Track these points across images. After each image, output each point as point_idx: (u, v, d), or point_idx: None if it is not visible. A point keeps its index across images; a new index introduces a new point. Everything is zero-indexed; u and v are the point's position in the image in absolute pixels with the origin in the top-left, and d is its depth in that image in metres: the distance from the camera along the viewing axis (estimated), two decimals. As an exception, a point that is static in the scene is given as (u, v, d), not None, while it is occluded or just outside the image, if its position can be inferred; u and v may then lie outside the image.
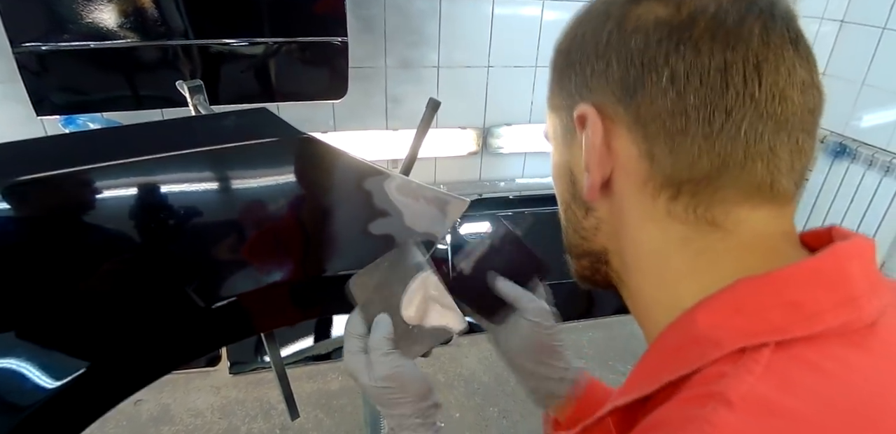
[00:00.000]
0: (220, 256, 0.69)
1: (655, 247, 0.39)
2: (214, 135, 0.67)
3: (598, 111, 0.38)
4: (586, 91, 0.39)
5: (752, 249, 0.37)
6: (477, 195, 2.44)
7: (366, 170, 0.73)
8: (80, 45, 1.71)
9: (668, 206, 0.37)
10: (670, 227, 0.38)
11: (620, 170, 0.38)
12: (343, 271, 0.71)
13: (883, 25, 2.37)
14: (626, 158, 0.38)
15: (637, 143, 0.37)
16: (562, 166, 0.44)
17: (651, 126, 0.36)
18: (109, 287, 0.63)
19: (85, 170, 0.61)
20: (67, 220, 0.61)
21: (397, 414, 0.59)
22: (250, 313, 0.71)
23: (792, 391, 0.30)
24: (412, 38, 2.11)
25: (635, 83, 0.36)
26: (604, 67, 0.37)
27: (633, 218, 0.39)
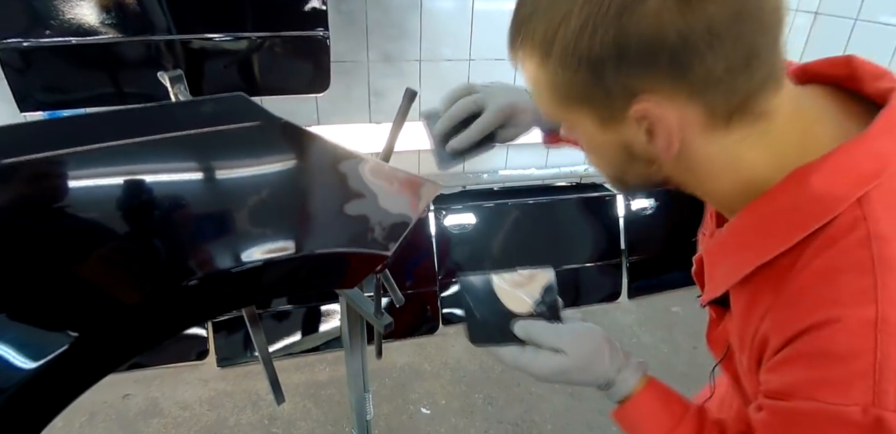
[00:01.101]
0: (197, 237, 0.71)
1: (725, 158, 0.49)
2: (193, 120, 0.69)
3: (660, 104, 0.44)
4: (638, 85, 0.44)
5: (799, 117, 0.48)
6: (461, 187, 2.47)
7: (340, 153, 0.76)
8: (61, 41, 1.72)
9: (727, 128, 0.47)
10: (733, 138, 0.47)
11: (686, 129, 0.46)
12: (319, 250, 0.73)
13: (855, 16, 2.42)
14: (689, 122, 0.46)
15: (698, 108, 0.45)
16: (613, 145, 0.51)
17: (709, 94, 0.44)
18: (89, 267, 0.65)
19: (65, 154, 0.64)
20: (45, 204, 0.63)
21: (602, 380, 0.62)
22: (228, 291, 0.73)
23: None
24: (393, 31, 2.13)
25: (683, 70, 0.42)
26: (652, 63, 0.42)
27: (701, 151, 0.48)
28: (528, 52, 0.48)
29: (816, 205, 0.45)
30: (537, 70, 0.48)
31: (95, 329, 0.63)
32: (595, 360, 0.61)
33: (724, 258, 0.53)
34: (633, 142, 0.49)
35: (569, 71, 0.45)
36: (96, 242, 0.65)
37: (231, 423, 1.95)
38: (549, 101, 0.51)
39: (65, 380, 0.63)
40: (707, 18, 0.40)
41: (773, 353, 0.47)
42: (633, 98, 0.45)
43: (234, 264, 0.70)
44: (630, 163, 0.52)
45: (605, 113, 0.48)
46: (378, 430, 1.95)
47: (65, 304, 0.63)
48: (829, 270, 0.44)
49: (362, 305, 1.01)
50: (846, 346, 0.41)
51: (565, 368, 0.60)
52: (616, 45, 0.42)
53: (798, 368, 0.44)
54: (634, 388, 0.61)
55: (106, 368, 0.70)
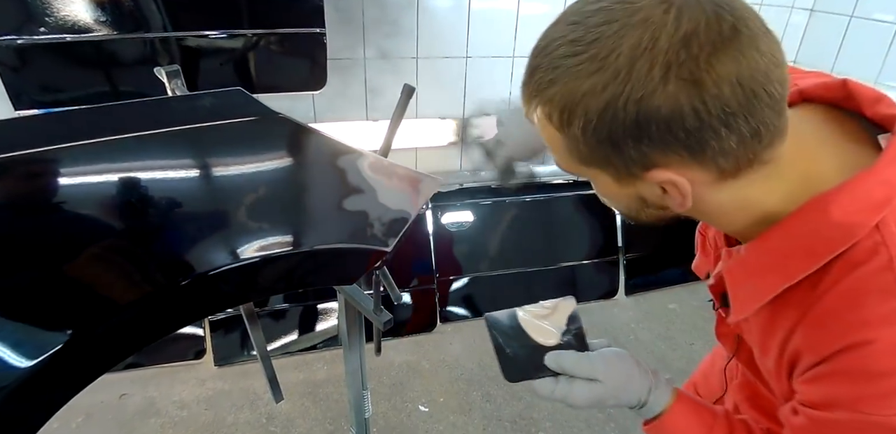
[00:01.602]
0: (197, 233, 0.71)
1: (736, 201, 0.52)
2: (191, 115, 0.68)
3: (675, 170, 0.48)
4: (654, 159, 0.47)
5: (802, 148, 0.51)
6: (458, 185, 2.46)
7: (339, 148, 0.75)
8: (56, 39, 1.71)
9: (735, 179, 0.50)
10: (741, 184, 0.50)
11: (698, 187, 0.50)
12: (319, 246, 0.73)
13: (851, 14, 2.43)
14: (701, 182, 0.49)
15: (710, 171, 0.48)
16: (628, 195, 0.54)
17: (719, 160, 0.47)
18: (85, 264, 0.65)
19: (61, 149, 0.63)
20: (41, 200, 0.62)
21: (635, 402, 0.65)
22: (227, 288, 0.73)
23: None
24: (390, 29, 2.12)
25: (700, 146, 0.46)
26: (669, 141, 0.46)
27: (712, 199, 0.52)
28: (545, 116, 0.50)
29: (837, 231, 0.48)
30: (555, 133, 0.51)
31: (92, 327, 0.63)
32: (628, 385, 0.64)
33: (747, 280, 0.56)
34: (648, 195, 0.53)
35: (588, 142, 0.48)
36: (93, 239, 0.65)
37: (229, 422, 1.94)
38: (565, 159, 0.54)
39: (61, 378, 0.63)
40: (723, 100, 0.43)
41: (808, 368, 0.51)
42: (650, 168, 0.48)
43: (232, 261, 0.70)
44: (644, 208, 0.56)
45: (621, 174, 0.51)
46: (377, 427, 1.94)
47: (60, 301, 0.62)
48: (855, 293, 0.47)
49: (361, 302, 1.00)
50: (883, 365, 0.46)
51: (601, 396, 0.63)
52: (637, 126, 0.45)
53: (837, 384, 0.49)
54: (667, 404, 0.65)
55: (103, 366, 0.70)
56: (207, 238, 0.70)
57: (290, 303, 2.28)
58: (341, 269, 0.80)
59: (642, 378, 0.65)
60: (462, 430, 1.96)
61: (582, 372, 0.64)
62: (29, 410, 0.60)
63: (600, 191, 0.58)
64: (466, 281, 2.47)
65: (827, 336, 0.49)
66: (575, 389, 0.64)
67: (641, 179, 0.50)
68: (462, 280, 2.46)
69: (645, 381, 0.65)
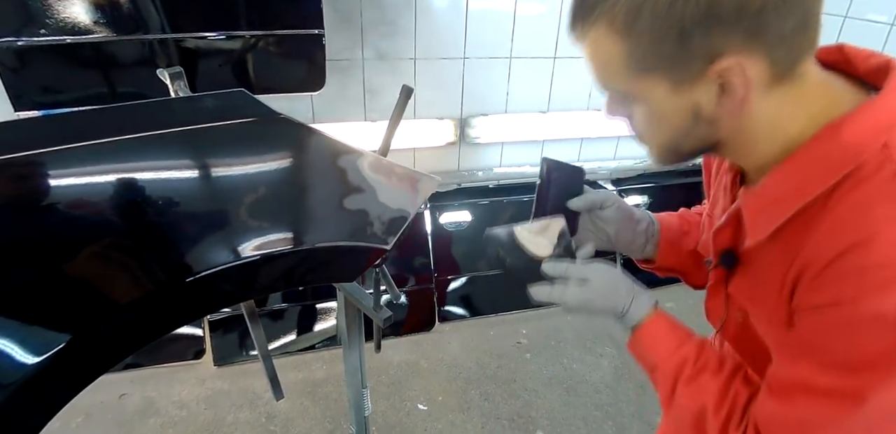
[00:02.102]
0: (200, 232, 0.72)
1: (773, 117, 0.56)
2: (194, 115, 0.70)
3: (737, 60, 0.50)
4: (721, 46, 0.50)
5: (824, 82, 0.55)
6: (456, 185, 2.47)
7: (340, 148, 0.77)
8: (56, 40, 1.71)
9: (780, 86, 0.53)
10: (781, 98, 0.54)
11: (754, 84, 0.53)
12: (319, 244, 0.74)
13: (845, 14, 2.45)
14: (759, 77, 0.52)
15: (766, 65, 0.51)
16: (681, 109, 0.56)
17: (777, 49, 0.51)
18: (90, 263, 0.65)
19: (64, 150, 0.64)
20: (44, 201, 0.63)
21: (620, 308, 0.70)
22: (228, 286, 0.73)
23: None
24: (388, 29, 2.14)
25: (763, 28, 0.49)
26: (737, 24, 0.49)
27: (757, 109, 0.55)
28: (604, 27, 0.53)
29: (847, 152, 0.52)
30: (614, 43, 0.53)
31: (93, 326, 0.63)
32: (615, 288, 0.70)
33: (764, 208, 0.59)
34: (703, 103, 0.55)
35: (656, 38, 0.51)
36: (95, 239, 0.65)
37: (228, 422, 1.95)
38: (621, 73, 0.55)
39: (64, 376, 0.63)
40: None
41: (812, 278, 0.53)
42: (715, 59, 0.51)
43: (234, 259, 0.71)
44: (694, 126, 0.57)
45: (681, 76, 0.53)
46: (375, 426, 1.95)
47: (62, 301, 0.62)
48: (863, 203, 0.51)
49: (361, 300, 1.01)
50: (885, 258, 0.48)
51: (590, 296, 0.69)
52: (708, 11, 0.48)
53: (843, 282, 0.51)
54: (647, 314, 0.70)
55: (104, 365, 0.70)
56: (210, 236, 0.71)
57: (288, 302, 2.29)
58: (342, 266, 0.81)
59: (627, 286, 0.70)
60: (461, 429, 1.97)
61: (575, 272, 0.70)
62: (32, 409, 0.61)
63: (650, 113, 0.59)
64: (464, 280, 2.48)
65: (834, 240, 0.51)
66: (568, 290, 0.69)
67: (702, 78, 0.52)
68: (460, 279, 2.48)
69: (629, 290, 0.70)
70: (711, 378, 0.64)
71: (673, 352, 0.67)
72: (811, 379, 0.54)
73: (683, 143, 0.60)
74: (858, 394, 0.51)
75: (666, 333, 0.69)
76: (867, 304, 0.49)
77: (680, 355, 0.66)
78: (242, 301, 0.96)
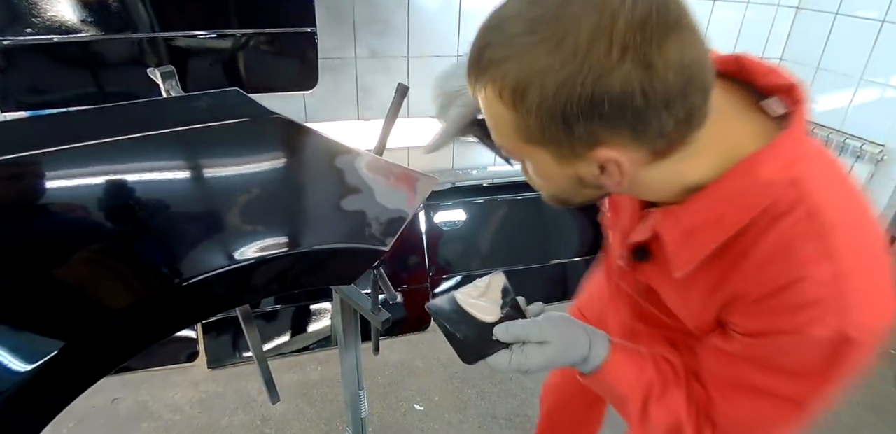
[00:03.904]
0: (194, 235, 0.70)
1: (666, 176, 0.58)
2: (188, 115, 0.68)
3: (618, 150, 0.52)
4: (601, 136, 0.51)
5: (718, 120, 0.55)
6: (450, 184, 2.46)
7: (336, 148, 0.75)
8: (43, 39, 1.68)
9: (666, 158, 0.55)
10: (671, 162, 0.55)
11: (634, 165, 0.54)
12: (317, 247, 0.73)
13: (836, 11, 2.46)
14: (637, 161, 0.54)
15: (646, 151, 0.53)
16: (565, 176, 0.58)
17: (656, 141, 0.52)
18: (82, 268, 0.64)
19: (56, 151, 0.62)
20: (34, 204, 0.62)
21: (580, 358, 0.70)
22: (223, 290, 0.72)
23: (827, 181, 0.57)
24: (381, 27, 2.12)
25: (643, 126, 0.50)
26: (618, 119, 0.49)
27: (644, 176, 0.57)
28: (494, 93, 0.52)
29: (761, 189, 0.55)
30: (503, 110, 0.53)
31: (87, 332, 0.62)
32: (574, 342, 0.68)
33: (686, 239, 0.62)
34: (586, 175, 0.57)
35: (539, 119, 0.51)
36: (88, 243, 0.64)
37: (223, 425, 1.93)
38: (508, 137, 0.56)
39: (58, 384, 0.62)
40: (667, 84, 0.47)
41: (747, 306, 0.59)
42: (595, 146, 0.52)
43: (230, 263, 0.69)
44: (580, 189, 0.61)
45: (563, 153, 0.54)
46: (372, 427, 1.94)
47: (55, 307, 0.61)
48: (785, 244, 0.55)
49: (359, 302, 1.00)
50: (817, 295, 0.54)
51: (552, 356, 0.67)
52: (591, 103, 0.48)
53: (779, 315, 0.56)
54: (606, 355, 0.70)
55: (100, 371, 0.69)
56: (205, 240, 0.70)
57: (282, 304, 2.27)
58: (340, 269, 0.80)
59: (582, 333, 0.70)
60: (457, 429, 1.96)
61: (532, 336, 0.67)
62: (26, 417, 0.60)
63: (537, 171, 0.60)
64: (459, 279, 2.47)
65: (765, 278, 0.56)
66: (529, 354, 0.67)
67: (583, 159, 0.54)
68: (455, 278, 2.47)
69: (586, 337, 0.69)
70: (676, 390, 0.68)
71: (637, 380, 0.69)
72: (757, 381, 0.61)
73: (572, 198, 0.64)
74: (799, 397, 0.60)
75: (627, 366, 0.70)
76: (806, 333, 0.55)
77: (645, 380, 0.69)
78: (239, 305, 0.95)
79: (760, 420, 0.64)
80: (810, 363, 0.57)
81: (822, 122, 2.56)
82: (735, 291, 0.59)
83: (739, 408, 0.64)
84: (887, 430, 2.03)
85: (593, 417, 1.43)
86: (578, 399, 1.35)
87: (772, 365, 0.60)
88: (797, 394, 0.60)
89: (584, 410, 1.38)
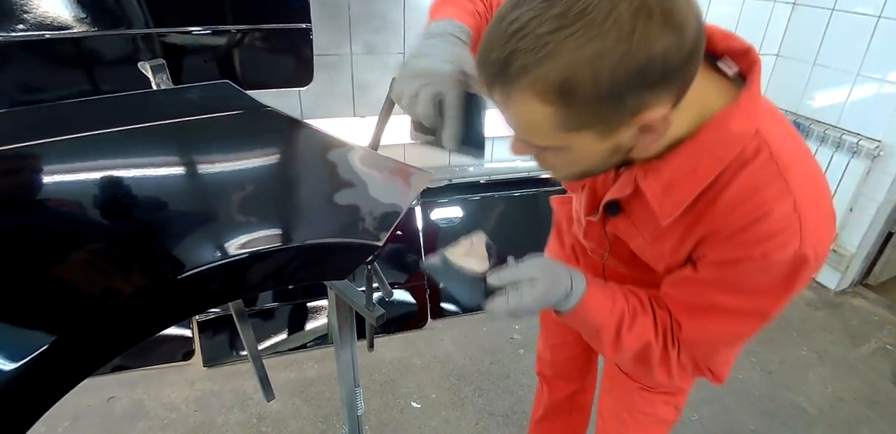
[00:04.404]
0: (185, 229, 0.69)
1: (671, 131, 0.62)
2: (179, 108, 0.67)
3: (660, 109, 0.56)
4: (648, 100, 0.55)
5: (697, 86, 0.60)
6: (447, 180, 2.45)
7: (329, 141, 0.74)
8: (35, 36, 1.67)
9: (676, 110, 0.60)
10: (675, 114, 0.60)
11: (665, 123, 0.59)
12: (309, 242, 0.72)
13: (832, 7, 2.45)
14: (668, 117, 0.58)
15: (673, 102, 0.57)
16: (604, 150, 0.62)
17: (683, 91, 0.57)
18: (73, 262, 0.63)
19: (44, 143, 0.61)
20: (25, 196, 0.61)
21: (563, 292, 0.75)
22: (215, 285, 0.71)
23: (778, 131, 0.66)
24: (377, 24, 2.11)
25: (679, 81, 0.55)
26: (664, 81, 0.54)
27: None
28: (533, 96, 0.53)
29: (732, 140, 0.63)
30: (542, 109, 0.54)
31: (79, 327, 0.61)
32: (557, 276, 0.73)
33: (665, 189, 0.68)
34: (624, 141, 0.60)
35: (590, 106, 0.53)
36: (78, 237, 0.63)
37: (219, 423, 1.92)
38: (548, 133, 0.58)
39: (48, 379, 0.61)
40: (694, 39, 0.53)
41: (719, 241, 0.66)
42: (640, 112, 0.55)
43: (221, 257, 0.69)
44: (611, 158, 0.64)
45: (609, 128, 0.57)
46: (369, 425, 1.94)
47: (46, 301, 0.60)
48: (750, 183, 0.63)
49: (353, 298, 0.99)
50: (781, 225, 0.62)
51: (544, 292, 0.71)
52: (642, 74, 0.51)
53: (748, 246, 0.64)
54: (584, 289, 0.75)
55: (90, 367, 0.68)
56: (195, 234, 0.69)
57: (279, 301, 2.26)
58: (333, 264, 0.79)
59: (565, 271, 0.75)
60: (454, 426, 1.96)
61: (522, 275, 0.72)
62: (15, 413, 0.59)
63: (575, 154, 0.63)
64: (457, 277, 2.46)
65: (735, 218, 0.64)
66: (524, 293, 0.71)
67: (627, 126, 0.57)
68: (452, 276, 2.46)
69: (567, 273, 0.75)
70: (644, 317, 0.76)
71: (611, 311, 0.75)
72: (723, 303, 0.70)
73: (599, 169, 0.68)
74: (763, 311, 0.70)
75: (601, 298, 0.76)
76: (771, 256, 0.63)
77: (617, 310, 0.76)
78: (231, 301, 0.94)
79: (724, 335, 0.74)
80: (772, 282, 0.66)
81: (819, 118, 2.56)
82: (707, 231, 0.67)
83: (705, 328, 0.73)
84: (884, 426, 2.03)
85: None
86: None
87: (738, 287, 0.68)
88: (760, 307, 0.70)
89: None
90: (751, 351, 2.35)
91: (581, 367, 1.43)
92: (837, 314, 2.60)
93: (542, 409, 1.58)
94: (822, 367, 2.29)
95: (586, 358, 1.42)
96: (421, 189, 0.87)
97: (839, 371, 2.27)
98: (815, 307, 2.65)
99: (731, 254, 0.66)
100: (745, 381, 2.19)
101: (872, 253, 2.67)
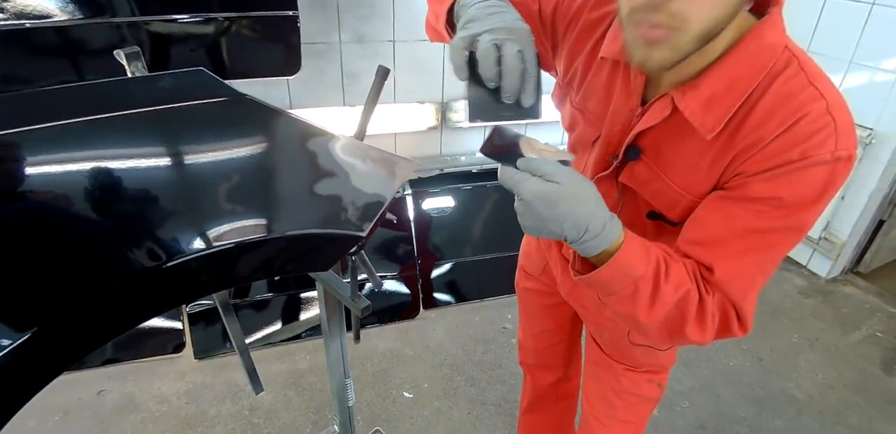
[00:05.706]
0: (162, 220, 0.68)
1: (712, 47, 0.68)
2: (152, 96, 0.65)
3: None
4: None
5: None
6: (438, 170, 2.44)
7: (310, 130, 0.73)
8: (15, 25, 1.63)
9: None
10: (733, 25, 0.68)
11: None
12: (290, 232, 0.70)
13: (825, -6, 2.43)
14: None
15: None
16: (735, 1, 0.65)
17: None
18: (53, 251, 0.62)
19: (17, 132, 0.60)
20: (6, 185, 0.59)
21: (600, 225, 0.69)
22: (195, 276, 0.70)
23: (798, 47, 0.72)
24: (366, 11, 2.08)
25: None
26: None
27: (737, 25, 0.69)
28: None
29: (769, 50, 0.69)
30: None
31: (60, 317, 0.60)
32: (585, 198, 0.65)
33: (704, 104, 0.71)
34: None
35: None
36: (57, 226, 0.62)
37: (211, 415, 1.92)
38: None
39: (27, 371, 0.60)
40: None
41: (760, 151, 0.68)
42: None
43: (200, 249, 0.67)
44: (737, 10, 0.66)
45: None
46: (361, 415, 1.94)
47: (27, 290, 0.59)
48: (785, 91, 0.68)
49: (339, 289, 0.98)
50: (818, 125, 0.66)
51: (551, 194, 0.63)
52: None
53: (788, 149, 0.67)
54: (621, 235, 0.69)
55: (70, 359, 0.67)
56: (174, 225, 0.68)
57: (272, 292, 2.25)
58: (315, 255, 0.78)
59: (604, 206, 0.68)
60: (447, 416, 1.96)
61: (546, 169, 0.64)
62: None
63: (703, 13, 0.63)
64: (449, 266, 2.46)
65: (770, 125, 0.68)
66: (529, 180, 0.65)
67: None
68: (444, 266, 2.45)
69: (605, 210, 0.68)
70: (675, 264, 0.72)
71: (647, 259, 0.70)
72: (760, 223, 0.70)
73: (716, 28, 0.66)
74: (800, 223, 0.70)
75: (640, 245, 0.71)
76: (811, 157, 0.66)
77: (653, 258, 0.70)
78: (214, 292, 0.92)
79: (761, 262, 0.73)
80: (811, 189, 0.68)
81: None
82: (745, 145, 0.69)
83: (741, 259, 0.72)
84: (873, 412, 2.04)
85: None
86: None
87: (778, 202, 0.68)
88: (798, 219, 0.70)
89: None
90: (742, 338, 2.36)
91: (563, 354, 1.42)
92: (828, 302, 2.62)
93: (528, 399, 1.59)
94: (813, 354, 2.31)
95: (568, 345, 1.41)
96: (406, 178, 0.85)
97: (829, 358, 2.29)
98: (807, 295, 2.66)
99: (771, 161, 0.68)
100: (735, 368, 2.20)
101: (864, 241, 2.68)
